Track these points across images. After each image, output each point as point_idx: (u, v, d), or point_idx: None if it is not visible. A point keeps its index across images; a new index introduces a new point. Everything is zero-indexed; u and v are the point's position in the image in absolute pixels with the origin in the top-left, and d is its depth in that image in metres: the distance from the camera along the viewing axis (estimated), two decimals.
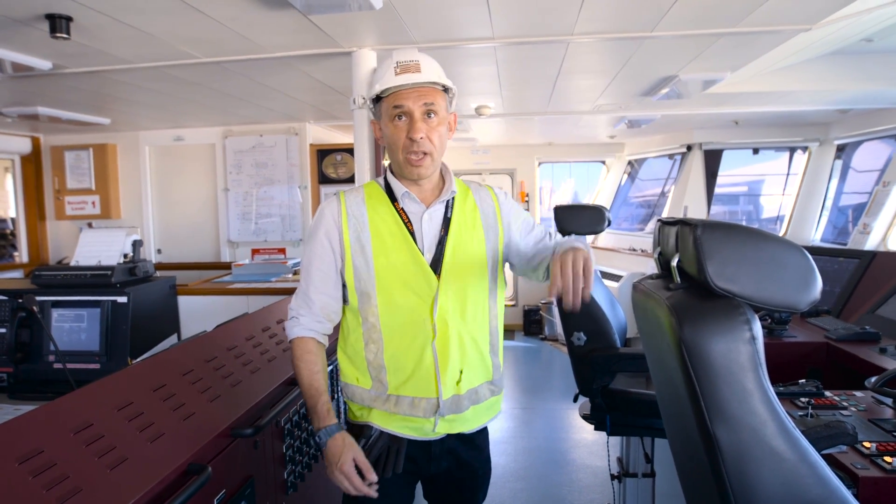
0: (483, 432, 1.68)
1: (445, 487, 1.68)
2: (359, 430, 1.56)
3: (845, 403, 1.95)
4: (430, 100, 1.47)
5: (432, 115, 1.48)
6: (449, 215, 1.57)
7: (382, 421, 1.54)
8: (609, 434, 2.64)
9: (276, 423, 1.90)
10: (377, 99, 1.53)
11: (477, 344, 1.58)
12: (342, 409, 2.16)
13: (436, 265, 1.51)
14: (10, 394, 2.55)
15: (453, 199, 1.59)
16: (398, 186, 1.55)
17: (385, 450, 1.53)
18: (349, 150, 5.07)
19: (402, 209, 1.55)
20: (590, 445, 4.12)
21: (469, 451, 1.64)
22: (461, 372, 1.53)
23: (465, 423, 1.58)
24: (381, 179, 1.62)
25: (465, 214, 1.59)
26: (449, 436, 1.57)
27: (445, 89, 1.53)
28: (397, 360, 1.51)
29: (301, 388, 1.51)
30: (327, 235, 1.53)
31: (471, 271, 1.56)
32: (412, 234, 1.53)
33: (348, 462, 1.40)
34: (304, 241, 1.59)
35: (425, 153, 1.48)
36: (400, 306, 1.51)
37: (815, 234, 5.47)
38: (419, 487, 1.73)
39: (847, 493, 0.97)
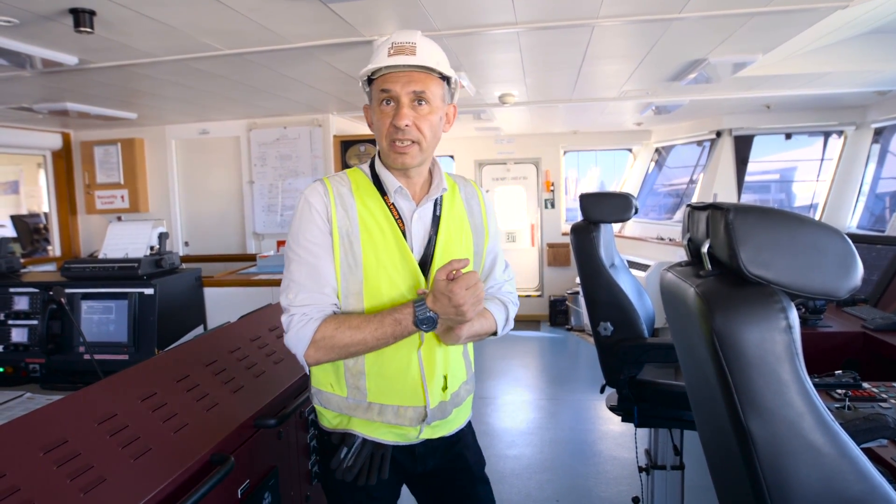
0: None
1: (437, 484, 1.60)
2: (339, 439, 1.46)
3: (884, 395, 1.87)
4: (421, 87, 1.34)
5: (422, 103, 1.35)
6: (438, 213, 1.47)
7: (365, 429, 1.44)
8: (637, 425, 2.59)
9: (300, 414, 1.90)
10: (371, 81, 1.41)
11: (458, 346, 1.51)
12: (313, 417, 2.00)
13: (424, 266, 1.42)
14: (43, 384, 2.60)
15: (442, 196, 1.49)
16: (391, 181, 1.42)
17: (369, 458, 1.45)
18: (373, 141, 5.06)
19: (393, 205, 1.43)
20: (617, 437, 4.07)
21: (456, 443, 1.58)
22: (445, 377, 1.47)
23: (448, 426, 1.52)
24: (366, 167, 1.49)
25: (454, 213, 1.51)
26: None
27: (446, 78, 1.41)
28: (380, 367, 1.41)
29: (374, 342, 1.33)
30: (318, 227, 1.39)
31: None
32: (403, 232, 1.41)
33: (442, 284, 1.27)
34: (292, 231, 1.42)
35: (413, 141, 1.36)
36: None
37: (851, 220, 5.31)
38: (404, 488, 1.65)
39: (890, 490, 0.92)
